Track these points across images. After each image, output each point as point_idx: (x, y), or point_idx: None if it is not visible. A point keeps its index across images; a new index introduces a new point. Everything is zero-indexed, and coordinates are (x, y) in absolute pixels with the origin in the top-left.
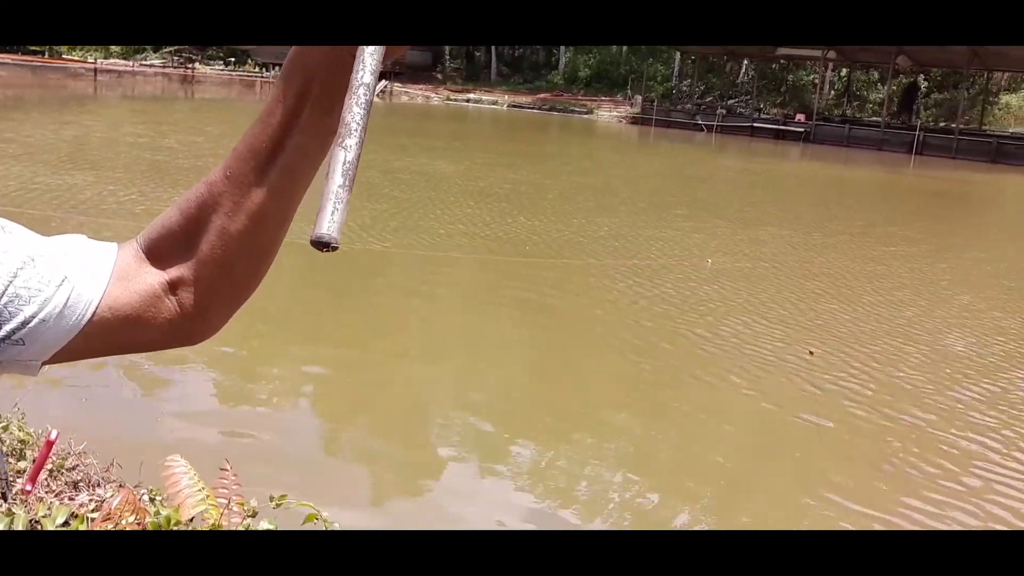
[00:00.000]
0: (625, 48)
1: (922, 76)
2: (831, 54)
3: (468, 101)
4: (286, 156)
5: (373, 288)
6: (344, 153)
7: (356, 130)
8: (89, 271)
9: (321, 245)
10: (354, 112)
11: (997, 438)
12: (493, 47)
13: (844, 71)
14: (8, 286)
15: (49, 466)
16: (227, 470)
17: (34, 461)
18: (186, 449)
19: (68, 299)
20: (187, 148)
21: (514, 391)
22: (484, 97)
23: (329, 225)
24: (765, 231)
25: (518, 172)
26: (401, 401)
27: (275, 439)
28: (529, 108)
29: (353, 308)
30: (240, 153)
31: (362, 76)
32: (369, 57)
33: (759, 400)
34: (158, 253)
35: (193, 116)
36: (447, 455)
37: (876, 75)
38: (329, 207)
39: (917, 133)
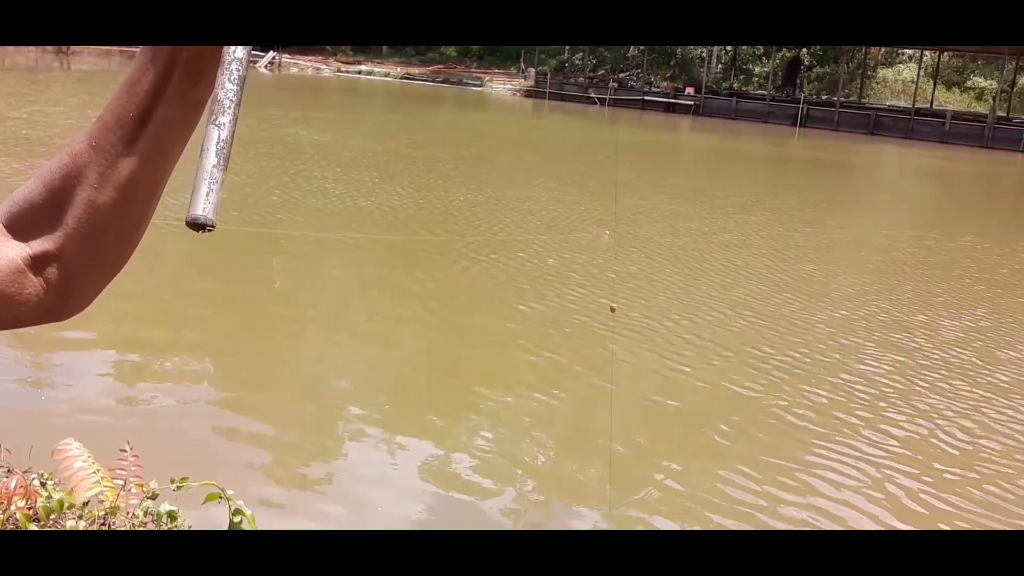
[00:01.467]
0: None
1: (805, 50)
2: None
3: (360, 73)
4: (154, 126)
5: (251, 268)
6: (217, 131)
7: (229, 107)
8: None
9: (197, 226)
10: (227, 88)
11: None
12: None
13: (730, 45)
14: None
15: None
16: (126, 451)
17: None
18: (81, 433)
19: None
20: (57, 120)
21: (404, 368)
22: (376, 69)
23: (204, 206)
24: (647, 201)
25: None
26: (297, 381)
27: (175, 422)
28: (422, 80)
29: (238, 289)
30: (106, 123)
31: (234, 51)
32: None
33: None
34: (21, 227)
35: (68, 88)
36: (345, 433)
37: (761, 49)
38: (204, 187)
39: (801, 106)
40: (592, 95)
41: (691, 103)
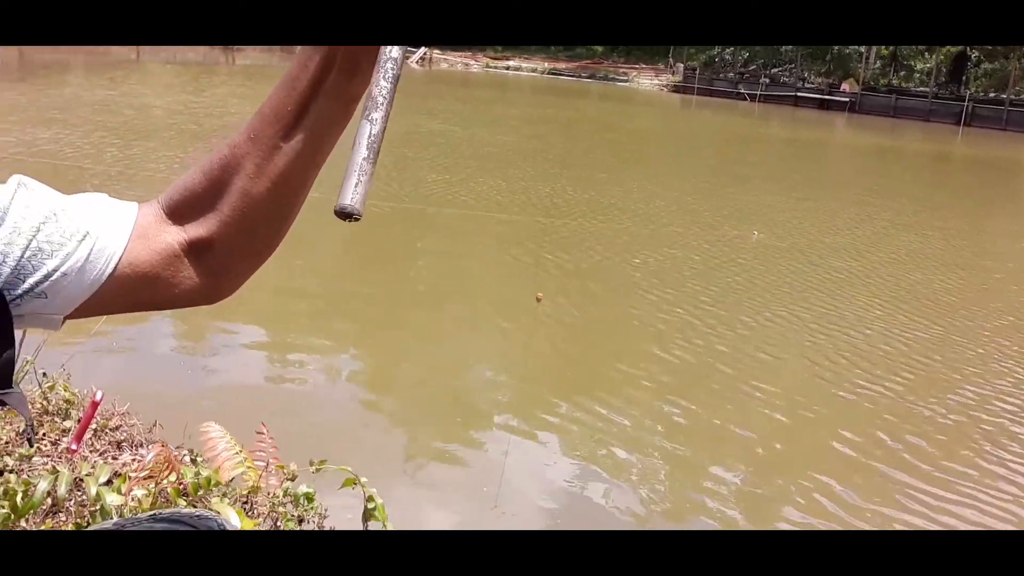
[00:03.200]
0: None
1: (971, 45)
2: None
3: (508, 68)
4: (310, 120)
5: (401, 251)
6: (370, 126)
7: (383, 104)
8: (110, 228)
9: (344, 215)
10: (381, 86)
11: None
12: None
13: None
14: (31, 240)
15: (94, 426)
16: (263, 433)
17: (79, 421)
18: (226, 412)
19: (89, 254)
20: (225, 112)
21: (547, 357)
22: (523, 64)
23: (352, 196)
24: (808, 204)
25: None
26: (435, 369)
27: (312, 406)
28: (568, 75)
29: (383, 273)
30: (265, 116)
31: (390, 50)
32: None
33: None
34: (180, 213)
35: (232, 81)
36: (481, 422)
37: (923, 44)
38: (353, 178)
39: (966, 104)
40: (742, 91)
41: (847, 100)
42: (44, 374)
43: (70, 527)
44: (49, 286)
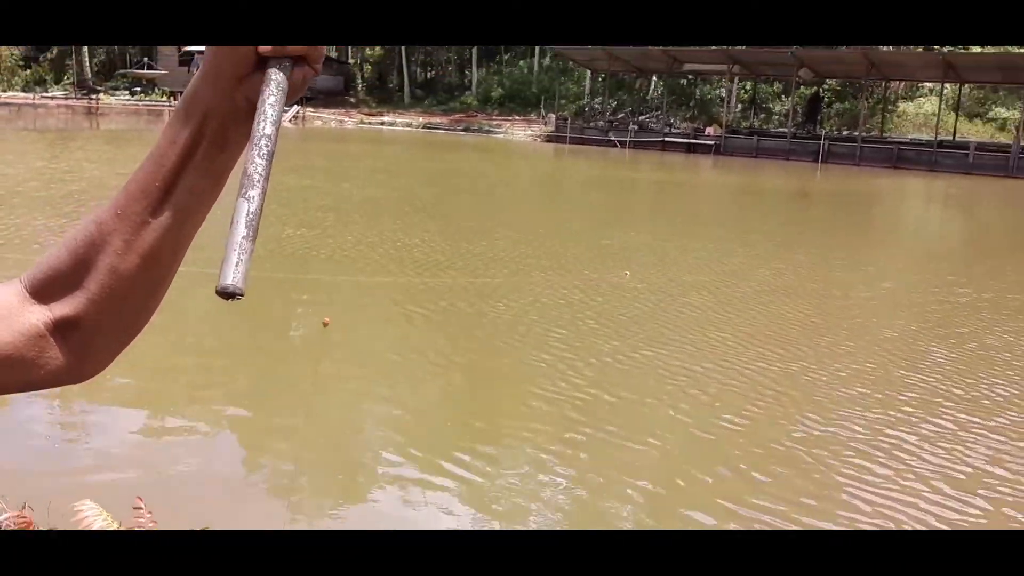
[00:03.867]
0: (536, 67)
1: (823, 86)
2: (736, 68)
3: (382, 124)
4: (179, 195)
5: (273, 314)
6: (247, 204)
7: (259, 181)
8: None
9: (227, 295)
10: (256, 163)
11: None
12: (405, 69)
13: (749, 84)
14: None
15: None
16: (141, 508)
17: None
18: (102, 489)
19: None
20: (90, 179)
21: (430, 407)
22: (398, 120)
23: (234, 276)
24: (672, 244)
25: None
26: (318, 425)
27: (193, 473)
28: (443, 129)
29: (254, 339)
30: (132, 192)
31: (263, 128)
32: (270, 108)
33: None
34: (44, 292)
35: (98, 147)
36: (371, 477)
37: (780, 87)
38: (233, 257)
39: (822, 142)
40: (612, 138)
41: (712, 143)
42: None
43: None
44: None
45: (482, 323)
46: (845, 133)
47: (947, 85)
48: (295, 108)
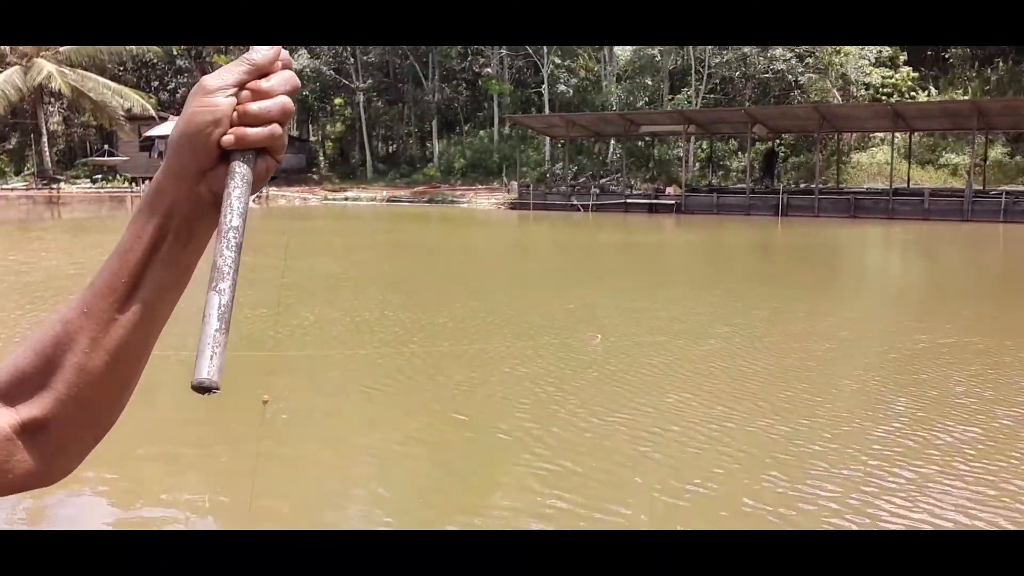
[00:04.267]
0: (496, 136)
1: (778, 141)
2: (691, 127)
3: (346, 199)
4: (145, 290)
5: (241, 397)
6: (218, 297)
7: (228, 273)
8: None
9: (202, 390)
10: (225, 256)
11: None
12: (367, 144)
13: (705, 143)
14: None
15: None
16: None
17: None
18: None
19: None
20: (47, 268)
21: (393, 485)
22: (362, 194)
23: (209, 370)
24: (635, 305)
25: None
26: (302, 507)
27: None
28: (407, 201)
29: (225, 424)
30: (98, 289)
31: (231, 220)
32: (236, 200)
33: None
34: (10, 395)
35: (57, 236)
36: None
37: (736, 144)
38: (208, 352)
39: (781, 196)
40: (575, 202)
41: (673, 202)
42: None
43: None
44: None
45: (440, 394)
46: (803, 186)
47: (897, 134)
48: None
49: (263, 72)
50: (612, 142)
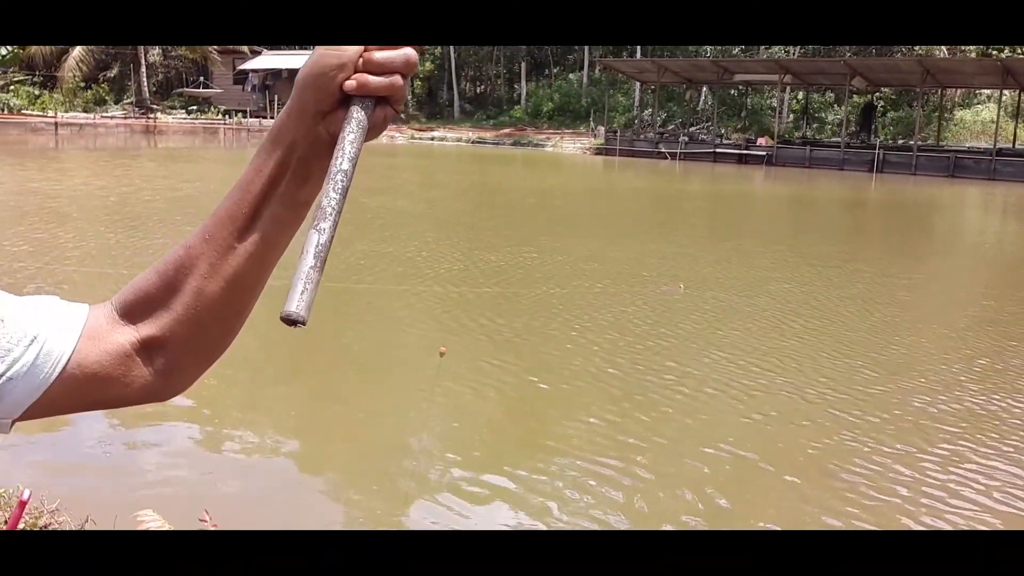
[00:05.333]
0: (586, 80)
1: (877, 95)
2: (787, 78)
3: (432, 139)
4: (263, 223)
5: (344, 326)
6: (318, 236)
7: (331, 214)
8: (58, 330)
9: (290, 322)
10: (331, 197)
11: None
12: (455, 84)
13: (801, 94)
14: None
15: (22, 526)
16: (206, 520)
17: (6, 522)
18: (164, 503)
19: (36, 358)
20: (156, 195)
21: (495, 422)
22: (448, 135)
23: (298, 304)
24: (728, 255)
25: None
26: (379, 440)
27: (256, 488)
28: (492, 143)
29: (325, 348)
30: (220, 218)
31: (340, 163)
32: (349, 145)
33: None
34: (133, 313)
35: (157, 164)
36: (434, 491)
37: (832, 96)
38: (300, 286)
39: (877, 152)
40: (662, 149)
41: (763, 153)
42: None
43: None
44: None
45: (529, 337)
46: (900, 142)
47: (1006, 92)
48: None
49: None
50: (704, 90)
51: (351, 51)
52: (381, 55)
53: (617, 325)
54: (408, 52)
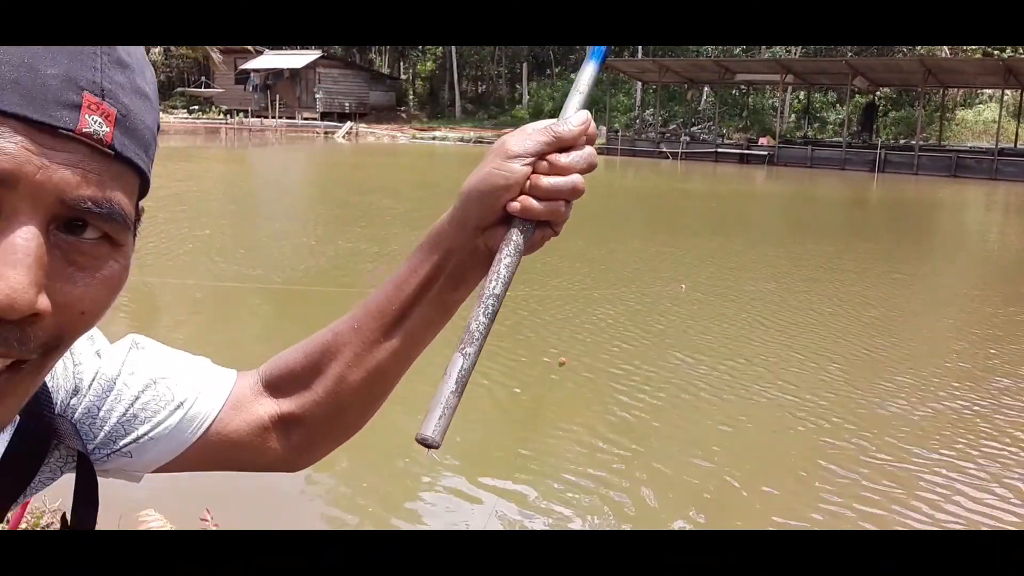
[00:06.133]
0: None
1: (878, 95)
2: (789, 77)
3: (434, 139)
4: (411, 322)
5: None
6: (462, 360)
7: (477, 339)
8: (204, 396)
9: (425, 444)
10: (479, 321)
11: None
12: (456, 84)
13: (802, 94)
14: (130, 406)
15: (24, 525)
16: (207, 520)
17: (7, 522)
18: (165, 501)
19: (180, 421)
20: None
21: (494, 422)
22: (450, 134)
23: (434, 429)
24: (727, 254)
25: None
26: (379, 439)
27: (256, 488)
28: (491, 142)
29: None
30: (370, 311)
31: (494, 287)
32: (504, 268)
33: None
34: (277, 387)
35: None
36: (428, 486)
37: (834, 96)
38: (438, 411)
39: (878, 151)
40: (664, 149)
41: (765, 153)
42: None
43: None
44: (136, 448)
45: (527, 335)
46: (902, 142)
47: (1007, 91)
48: (347, 124)
49: (565, 146)
50: (705, 89)
51: (518, 173)
52: (548, 182)
53: (601, 326)
54: (576, 180)
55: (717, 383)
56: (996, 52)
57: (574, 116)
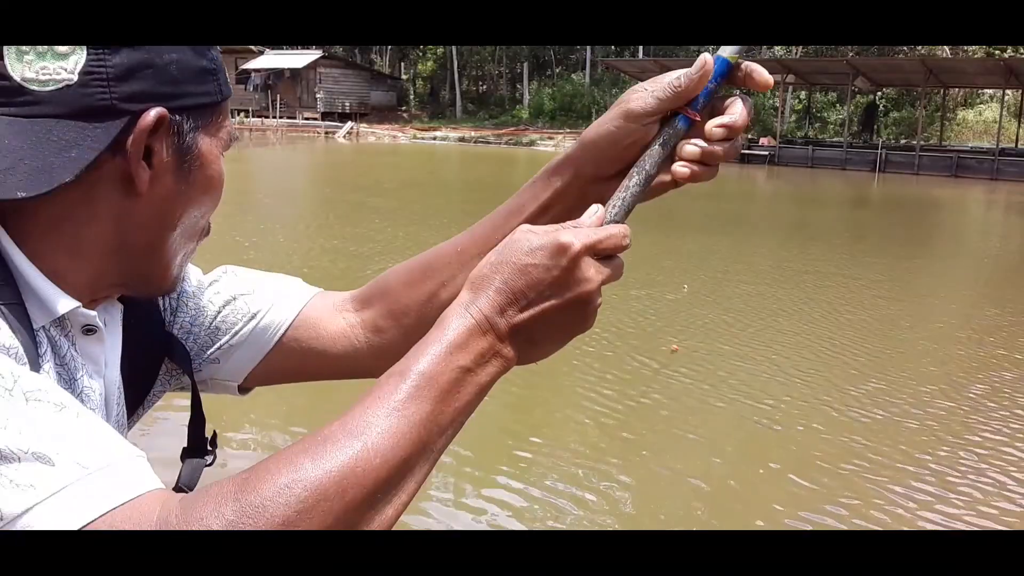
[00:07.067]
0: (588, 80)
1: (879, 95)
2: (790, 77)
3: (435, 139)
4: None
5: None
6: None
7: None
8: (278, 307)
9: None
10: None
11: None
12: (456, 84)
13: (803, 94)
14: (214, 319)
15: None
16: None
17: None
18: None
19: (253, 331)
20: None
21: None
22: (450, 134)
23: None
24: (726, 255)
25: None
26: None
27: None
28: (493, 143)
29: None
30: (475, 237)
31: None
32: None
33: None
34: (366, 301)
35: None
36: (427, 485)
37: (835, 96)
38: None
39: (879, 151)
40: None
41: (766, 153)
42: None
43: None
44: (221, 354)
45: None
46: (903, 142)
47: (1008, 91)
48: (348, 124)
49: (685, 101)
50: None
51: (639, 133)
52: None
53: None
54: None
55: (719, 383)
56: (997, 52)
57: (693, 67)
